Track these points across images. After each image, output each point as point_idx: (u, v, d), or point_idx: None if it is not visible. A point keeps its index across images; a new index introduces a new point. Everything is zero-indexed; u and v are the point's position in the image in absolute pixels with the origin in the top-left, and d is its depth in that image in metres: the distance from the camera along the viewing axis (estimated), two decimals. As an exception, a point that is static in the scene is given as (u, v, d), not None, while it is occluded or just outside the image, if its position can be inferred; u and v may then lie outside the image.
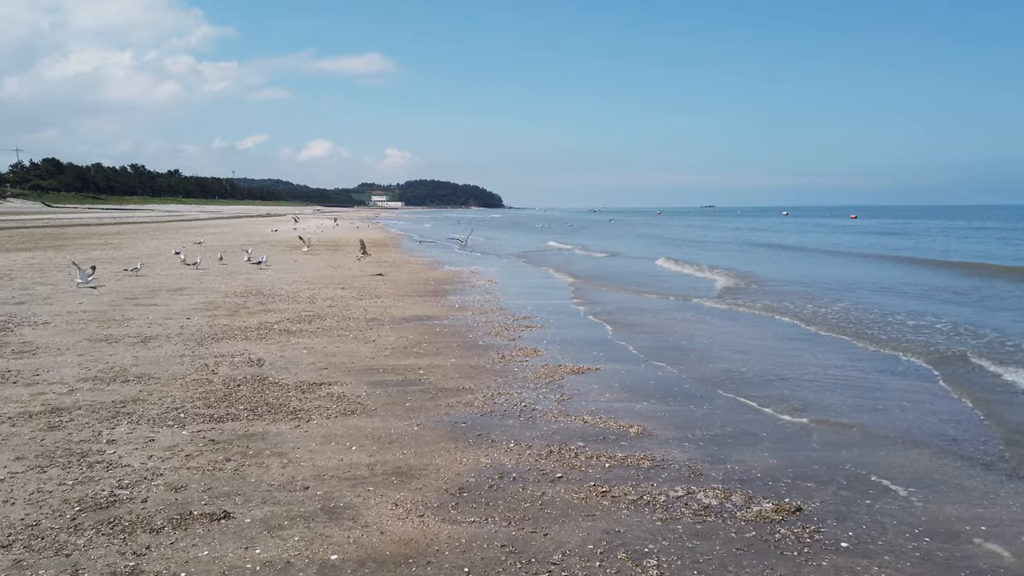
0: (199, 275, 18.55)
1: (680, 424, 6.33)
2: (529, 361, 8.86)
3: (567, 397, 7.17)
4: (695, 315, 13.30)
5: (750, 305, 14.36)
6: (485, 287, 17.04)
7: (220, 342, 9.70)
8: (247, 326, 10.95)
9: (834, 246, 38.78)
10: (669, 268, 24.26)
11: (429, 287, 16.82)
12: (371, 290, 15.88)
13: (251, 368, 8.22)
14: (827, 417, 6.63)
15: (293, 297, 14.48)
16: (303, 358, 8.80)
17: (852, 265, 26.09)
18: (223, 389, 7.26)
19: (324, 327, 10.99)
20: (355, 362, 8.64)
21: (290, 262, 23.26)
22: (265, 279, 17.80)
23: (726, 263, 25.76)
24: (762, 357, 9.37)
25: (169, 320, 11.43)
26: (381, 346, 9.62)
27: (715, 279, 19.96)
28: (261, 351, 9.15)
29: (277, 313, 12.33)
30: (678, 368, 8.61)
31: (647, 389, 7.59)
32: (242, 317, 11.86)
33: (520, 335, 10.68)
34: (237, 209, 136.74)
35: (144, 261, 22.03)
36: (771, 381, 8.04)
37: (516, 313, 12.88)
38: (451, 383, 7.68)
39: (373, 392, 7.27)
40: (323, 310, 12.76)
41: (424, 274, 20.08)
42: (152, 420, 6.20)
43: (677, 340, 10.61)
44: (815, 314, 13.15)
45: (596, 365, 8.68)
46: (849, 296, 16.09)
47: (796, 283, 18.96)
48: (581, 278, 19.99)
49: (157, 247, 29.77)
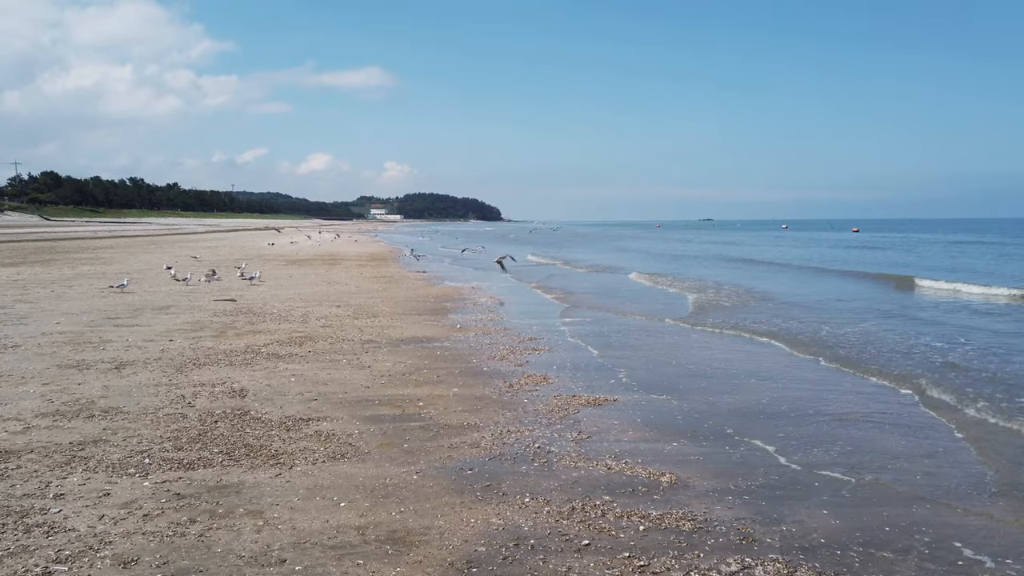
0: (188, 292, 17.76)
1: (717, 471, 5.53)
2: (539, 391, 8.06)
3: (586, 436, 6.36)
4: (698, 339, 12.51)
5: (750, 329, 13.58)
6: (487, 305, 16.26)
7: (201, 368, 8.89)
8: (233, 349, 10.15)
9: (827, 262, 35.91)
10: (650, 285, 23.53)
11: (429, 305, 16.04)
12: (368, 308, 15.10)
13: (232, 400, 7.41)
14: (881, 462, 5.84)
15: (285, 316, 13.68)
16: (291, 387, 7.99)
17: (837, 283, 24.57)
18: (198, 426, 6.45)
19: (316, 350, 10.20)
20: (348, 392, 7.84)
21: (284, 277, 22.48)
22: (257, 296, 17.01)
23: (724, 279, 25.02)
24: (784, 388, 8.57)
25: (149, 343, 10.62)
26: (377, 373, 8.82)
27: (690, 297, 19.21)
28: (245, 379, 8.34)
29: (266, 334, 11.53)
30: (699, 401, 7.81)
31: (673, 426, 6.79)
32: (228, 339, 11.06)
33: (528, 359, 9.88)
34: (235, 222, 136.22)
35: (132, 277, 21.26)
36: (801, 418, 7.24)
37: (522, 334, 12.09)
38: (454, 418, 6.88)
39: (366, 429, 6.46)
40: (316, 331, 11.96)
41: (423, 290, 19.30)
42: (112, 467, 5.39)
43: (689, 366, 9.82)
44: (819, 340, 12.36)
45: (613, 395, 7.87)
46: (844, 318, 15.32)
47: (792, 304, 18.19)
48: (574, 295, 19.23)
49: (149, 262, 28.98)
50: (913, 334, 12.54)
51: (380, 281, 21.65)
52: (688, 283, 22.83)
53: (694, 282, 23.25)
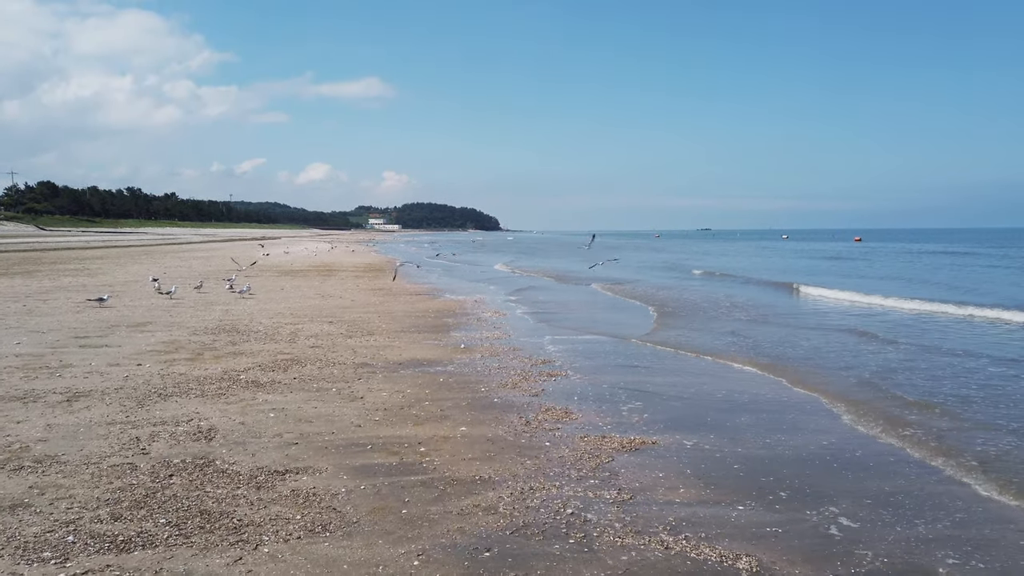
0: (171, 306, 16.52)
1: (808, 552, 4.30)
2: (562, 429, 6.84)
3: (628, 495, 5.14)
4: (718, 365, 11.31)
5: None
6: (492, 320, 15.04)
7: (167, 401, 7.66)
8: (207, 376, 8.92)
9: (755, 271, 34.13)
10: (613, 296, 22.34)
11: (429, 320, 14.81)
12: (363, 325, 13.87)
13: (196, 444, 6.18)
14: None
15: (271, 335, 12.45)
16: (268, 426, 6.76)
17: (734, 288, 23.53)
18: (148, 482, 5.22)
19: (302, 377, 8.97)
20: (336, 432, 6.61)
21: (276, 290, 21.26)
22: (244, 311, 15.78)
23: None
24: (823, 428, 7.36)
25: (114, 367, 9.39)
26: (371, 405, 7.59)
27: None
28: (216, 415, 7.11)
29: (248, 357, 10.30)
30: (755, 441, 6.59)
31: (731, 479, 5.56)
32: (205, 363, 9.83)
33: (543, 387, 8.66)
34: (231, 232, 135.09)
35: (115, 290, 20.05)
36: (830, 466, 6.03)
37: (534, 355, 10.87)
38: (464, 469, 5.65)
39: (355, 487, 5.23)
40: (304, 352, 10.74)
41: (423, 304, 18.08)
42: (22, 548, 4.16)
43: (724, 395, 8.60)
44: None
45: (650, 435, 6.65)
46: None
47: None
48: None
49: (136, 273, 27.74)
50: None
51: (377, 294, 20.44)
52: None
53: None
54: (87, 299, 17.06)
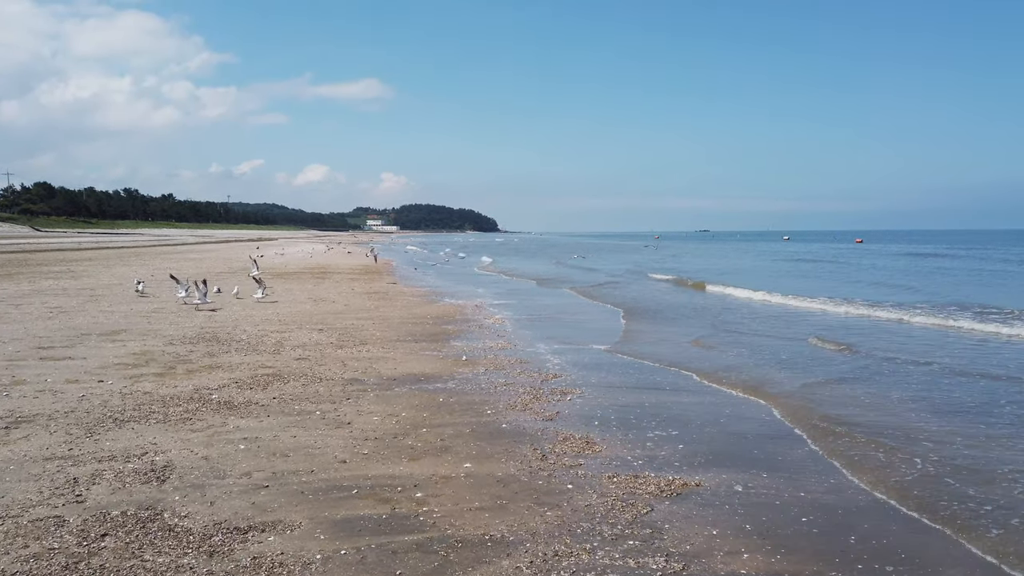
0: (151, 311, 15.43)
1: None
2: (585, 465, 5.77)
3: (679, 564, 4.06)
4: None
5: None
6: (495, 327, 13.97)
7: (123, 428, 6.58)
8: (175, 395, 7.84)
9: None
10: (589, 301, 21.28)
11: (427, 327, 13.74)
12: (356, 332, 12.79)
13: (145, 487, 5.10)
14: None
15: (255, 344, 11.37)
16: (236, 462, 5.69)
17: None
18: (73, 547, 4.14)
19: (283, 396, 7.89)
20: (315, 470, 5.54)
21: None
22: (228, 317, 14.70)
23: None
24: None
25: (72, 384, 8.30)
26: (359, 433, 6.52)
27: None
28: (176, 447, 6.03)
29: (226, 371, 9.22)
30: (819, 483, 5.52)
31: (803, 536, 4.49)
32: (176, 378, 8.75)
33: (557, 408, 7.59)
34: (228, 233, 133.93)
35: (96, 293, 18.99)
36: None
37: (543, 368, 9.80)
38: (470, 524, 4.57)
39: (334, 552, 4.16)
40: (288, 365, 9.66)
41: (421, 309, 17.01)
42: None
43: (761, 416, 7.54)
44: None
45: (691, 475, 5.57)
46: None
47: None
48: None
49: (124, 275, 26.62)
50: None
51: (372, 298, 19.36)
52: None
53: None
54: (58, 307, 15.95)
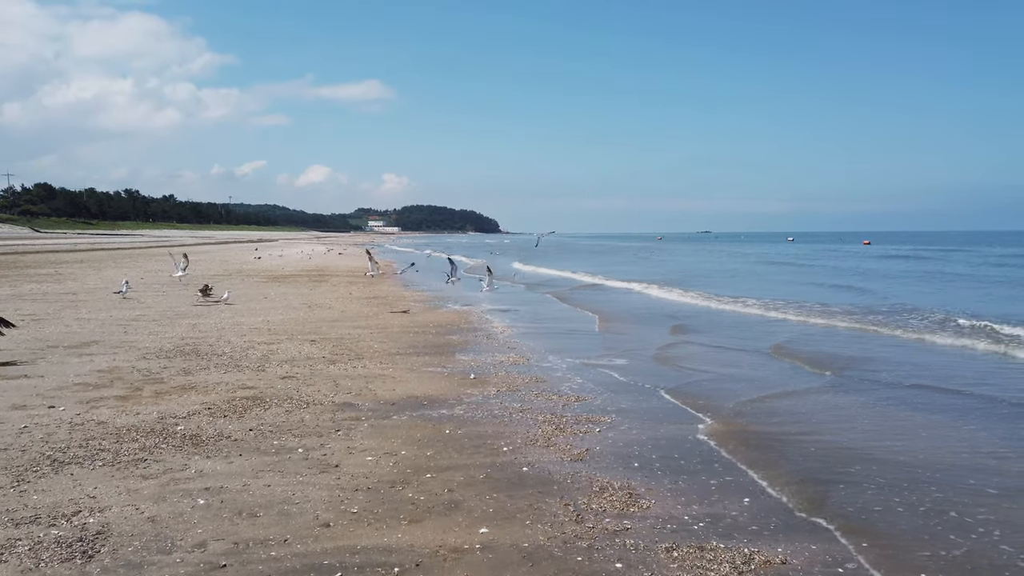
0: (131, 319, 14.24)
1: None
2: (633, 529, 4.54)
3: None
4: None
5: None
6: (504, 338, 12.75)
7: (59, 474, 5.37)
8: (135, 426, 6.64)
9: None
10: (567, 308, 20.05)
11: (430, 338, 12.53)
12: (352, 344, 11.59)
13: (65, 568, 3.89)
14: None
15: (238, 359, 10.16)
16: (189, 527, 4.48)
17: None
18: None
19: (262, 427, 6.68)
20: (289, 539, 4.32)
21: (258, 298, 18.97)
22: (213, 325, 13.50)
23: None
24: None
25: (16, 412, 7.09)
26: (348, 482, 5.30)
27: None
28: (119, 502, 4.82)
29: (200, 393, 8.01)
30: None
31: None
32: (141, 402, 7.55)
33: (587, 443, 6.37)
34: (228, 235, 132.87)
35: (78, 298, 17.84)
36: None
37: (563, 389, 8.58)
38: (491, 630, 3.36)
39: None
40: (272, 385, 8.45)
41: (423, 317, 15.79)
42: None
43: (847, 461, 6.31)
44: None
45: (784, 547, 4.33)
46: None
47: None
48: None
49: (112, 278, 25.44)
50: None
51: (371, 303, 18.15)
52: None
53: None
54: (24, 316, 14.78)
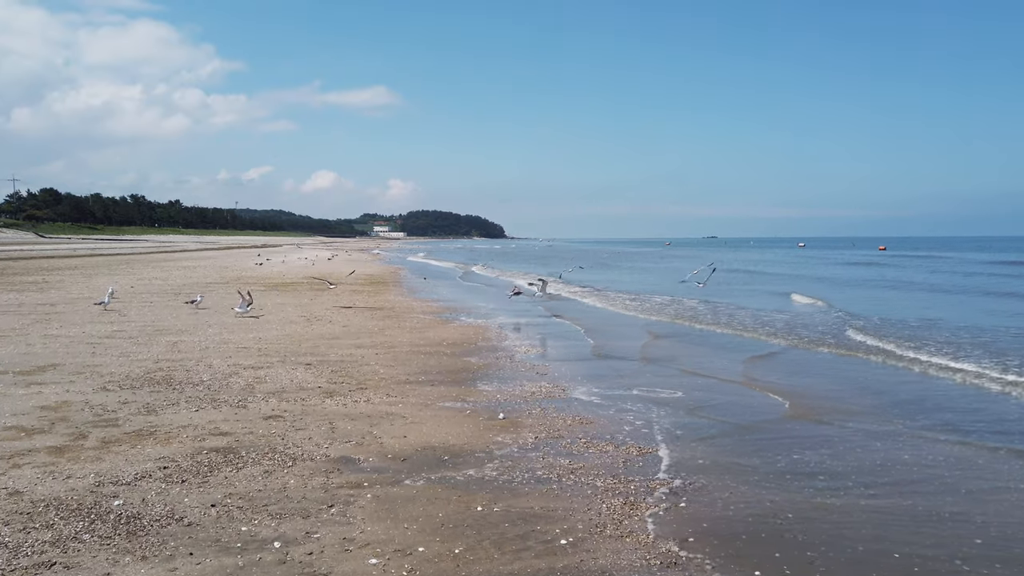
0: (105, 336, 12.54)
1: None
2: None
3: None
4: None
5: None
6: (530, 360, 11.00)
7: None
8: (58, 497, 4.90)
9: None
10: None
11: (445, 360, 10.78)
12: (353, 369, 9.84)
13: None
14: None
15: (217, 390, 8.43)
16: None
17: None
18: None
19: (229, 500, 4.93)
20: None
21: (254, 309, 17.26)
22: (196, 344, 11.78)
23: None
24: None
25: (-91, 473, 5.37)
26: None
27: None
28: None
29: (159, 442, 6.27)
30: None
31: None
32: (79, 458, 5.81)
33: (677, 528, 4.59)
34: (232, 240, 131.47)
35: (56, 310, 16.18)
36: None
37: (618, 436, 6.80)
38: None
39: None
40: (252, 429, 6.71)
41: (435, 331, 14.05)
42: None
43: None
44: None
45: None
46: None
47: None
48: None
49: (101, 286, 23.81)
50: None
51: (377, 316, 16.43)
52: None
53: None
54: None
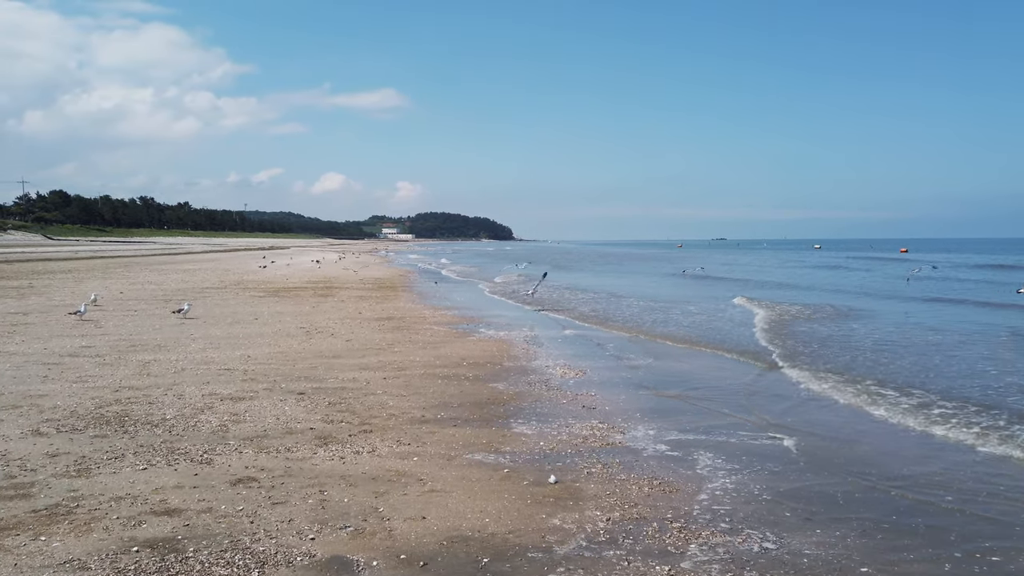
0: (71, 353, 10.79)
1: None
2: None
3: None
4: None
5: None
6: (568, 388, 9.13)
7: None
8: None
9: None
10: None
11: (467, 388, 8.93)
12: (355, 401, 8.01)
13: None
14: None
15: (180, 432, 6.61)
16: None
17: None
18: None
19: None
20: None
21: (247, 319, 15.47)
22: (172, 364, 9.99)
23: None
24: None
25: None
26: None
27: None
28: None
29: (73, 531, 4.46)
30: None
31: None
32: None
33: None
34: (240, 242, 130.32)
35: (28, 320, 14.50)
36: None
37: (714, 509, 4.94)
38: None
39: None
40: (211, 505, 4.89)
41: (451, 347, 12.21)
42: None
43: None
44: None
45: None
46: None
47: None
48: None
49: (87, 292, 22.18)
50: None
51: (385, 327, 14.60)
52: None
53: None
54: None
